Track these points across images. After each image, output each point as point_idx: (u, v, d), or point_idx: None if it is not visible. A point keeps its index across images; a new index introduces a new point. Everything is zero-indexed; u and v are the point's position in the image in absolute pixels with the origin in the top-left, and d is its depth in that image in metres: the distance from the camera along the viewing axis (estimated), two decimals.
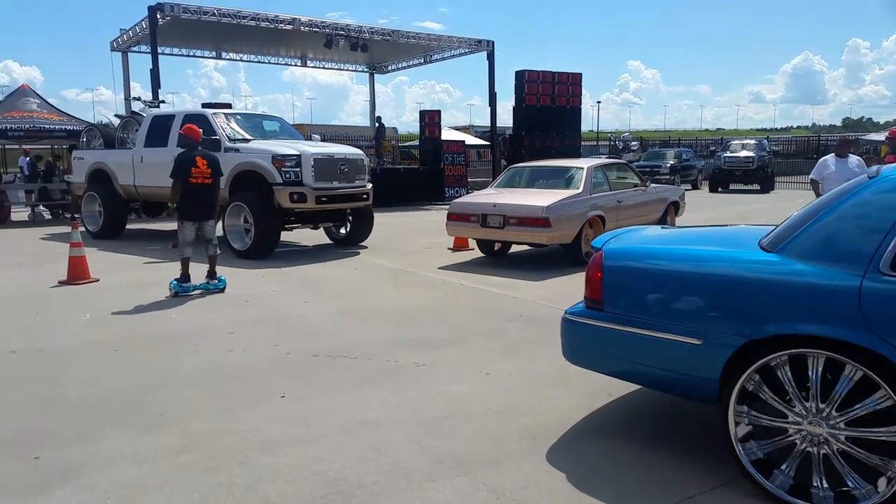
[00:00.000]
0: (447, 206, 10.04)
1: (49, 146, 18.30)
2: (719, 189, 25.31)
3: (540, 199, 8.88)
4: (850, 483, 2.75)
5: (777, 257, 3.00)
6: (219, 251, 7.97)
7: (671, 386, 3.40)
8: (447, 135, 24.66)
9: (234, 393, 4.40)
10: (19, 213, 16.73)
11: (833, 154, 8.53)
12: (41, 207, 17.40)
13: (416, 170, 21.23)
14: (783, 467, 2.92)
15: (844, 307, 2.71)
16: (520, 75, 19.91)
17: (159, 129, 11.29)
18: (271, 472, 3.28)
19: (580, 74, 20.77)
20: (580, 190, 9.23)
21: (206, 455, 3.47)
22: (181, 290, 7.46)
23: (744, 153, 25.42)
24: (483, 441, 3.65)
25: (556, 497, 3.08)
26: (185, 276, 7.53)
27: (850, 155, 8.38)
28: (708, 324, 3.09)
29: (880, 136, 26.24)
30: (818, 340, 2.77)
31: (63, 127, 16.75)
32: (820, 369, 2.79)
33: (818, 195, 8.53)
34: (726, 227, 4.66)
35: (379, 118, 25.39)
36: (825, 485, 2.81)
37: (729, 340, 2.99)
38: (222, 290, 7.65)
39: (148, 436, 3.71)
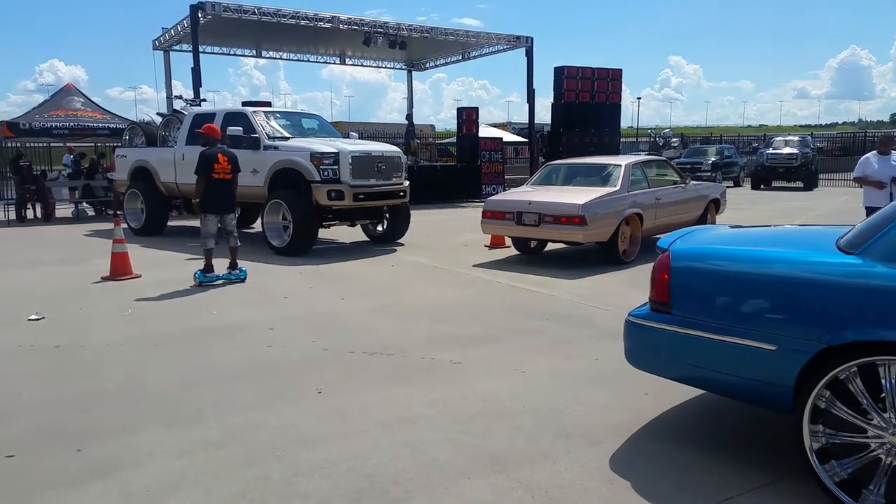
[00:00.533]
0: (483, 204, 10.02)
1: (93, 144, 18.66)
2: (762, 186, 24.76)
3: (576, 196, 8.80)
4: None
5: (858, 259, 2.86)
6: (239, 243, 8.32)
7: (741, 393, 3.27)
8: (485, 132, 24.58)
9: (272, 388, 4.45)
10: (63, 210, 17.18)
11: (875, 151, 8.27)
12: (84, 204, 17.84)
13: (454, 167, 21.22)
14: (871, 486, 2.76)
15: None
16: (559, 71, 19.75)
17: (200, 128, 11.46)
18: (308, 467, 3.31)
19: (620, 70, 20.53)
20: (617, 187, 9.11)
21: (244, 449, 3.52)
22: (205, 280, 7.89)
23: (787, 150, 24.85)
24: (518, 439, 3.63)
25: (592, 497, 3.05)
26: (208, 267, 8.00)
27: (893, 152, 8.10)
28: (783, 329, 2.96)
29: None
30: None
31: (106, 125, 17.11)
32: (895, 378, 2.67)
33: (867, 187, 8.28)
34: (796, 227, 4.49)
35: (409, 116, 25.27)
36: None
37: (805, 346, 2.86)
38: (243, 280, 8.06)
39: (187, 430, 3.77)
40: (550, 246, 10.19)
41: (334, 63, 27.99)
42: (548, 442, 3.61)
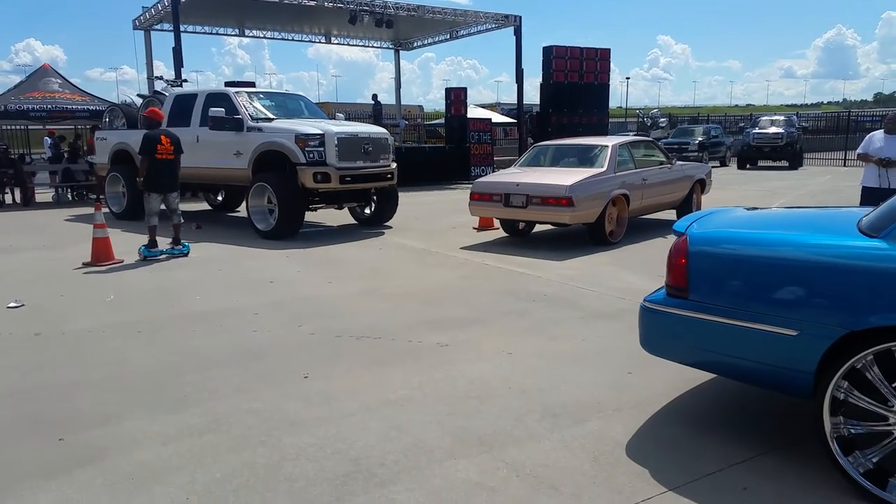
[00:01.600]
0: (472, 185, 9.98)
1: (72, 126, 18.33)
2: (748, 166, 24.89)
3: (563, 178, 8.78)
4: None
5: (883, 243, 2.82)
6: (182, 220, 8.94)
7: (761, 378, 3.23)
8: (473, 112, 24.43)
9: (258, 373, 4.43)
10: (43, 195, 16.94)
11: (882, 129, 8.23)
12: (65, 189, 17.62)
13: (442, 148, 21.10)
14: None
15: None
16: (547, 51, 19.66)
17: (182, 109, 11.31)
18: (294, 452, 3.30)
19: (608, 50, 20.48)
20: (604, 168, 9.09)
21: (229, 435, 3.50)
22: (149, 255, 8.43)
23: (773, 129, 24.97)
24: (505, 420, 3.64)
25: (576, 474, 3.07)
26: (152, 243, 8.54)
27: None
28: (805, 314, 2.92)
29: None
30: None
31: (86, 107, 16.81)
32: None
33: (880, 165, 8.24)
34: (814, 209, 4.41)
35: (375, 96, 24.75)
36: None
37: (828, 332, 2.83)
38: (186, 255, 8.60)
39: (172, 416, 3.75)
40: (538, 227, 10.19)
41: (320, 42, 27.63)
42: (534, 422, 3.62)
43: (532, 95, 25.00)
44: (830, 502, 2.84)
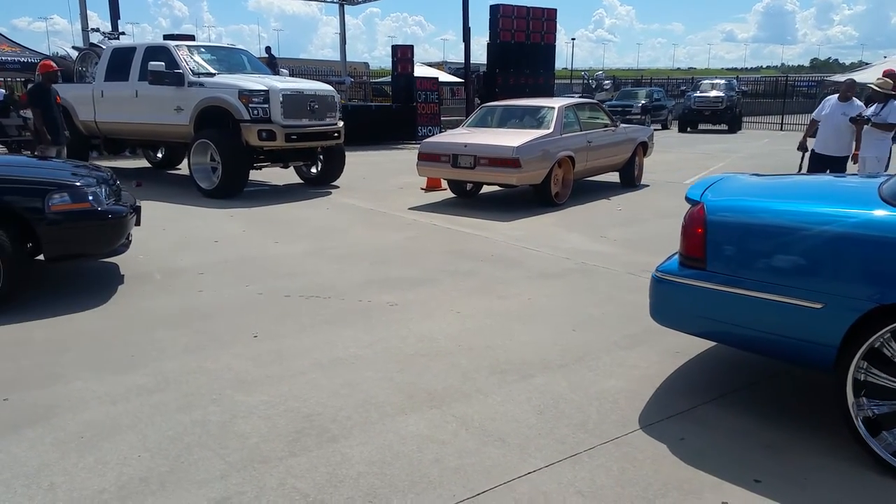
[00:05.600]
0: (419, 146, 9.96)
1: (1, 79, 17.42)
2: (688, 129, 25.41)
3: (510, 139, 8.84)
4: None
5: None
6: None
7: (781, 351, 3.18)
8: (420, 71, 24.14)
9: (206, 333, 4.41)
10: None
11: (836, 96, 8.48)
12: None
13: (389, 107, 20.85)
14: None
15: None
16: (494, 9, 19.45)
17: (120, 63, 10.88)
18: (245, 409, 3.33)
19: (555, 10, 20.38)
20: (551, 130, 9.18)
21: (179, 394, 3.51)
22: None
23: (713, 93, 25.51)
24: (454, 377, 3.74)
25: (522, 426, 3.21)
26: None
27: (854, 99, 8.34)
28: (832, 286, 2.86)
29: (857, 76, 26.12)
30: None
31: (16, 59, 15.99)
32: None
33: (807, 136, 8.57)
34: (827, 177, 4.33)
35: (269, 48, 23.37)
36: None
37: (856, 305, 2.78)
38: None
39: (120, 377, 3.72)
40: (486, 188, 10.26)
41: None
42: (482, 378, 3.73)
43: (479, 54, 24.86)
44: (761, 447, 3.05)
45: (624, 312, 4.86)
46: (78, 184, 4.98)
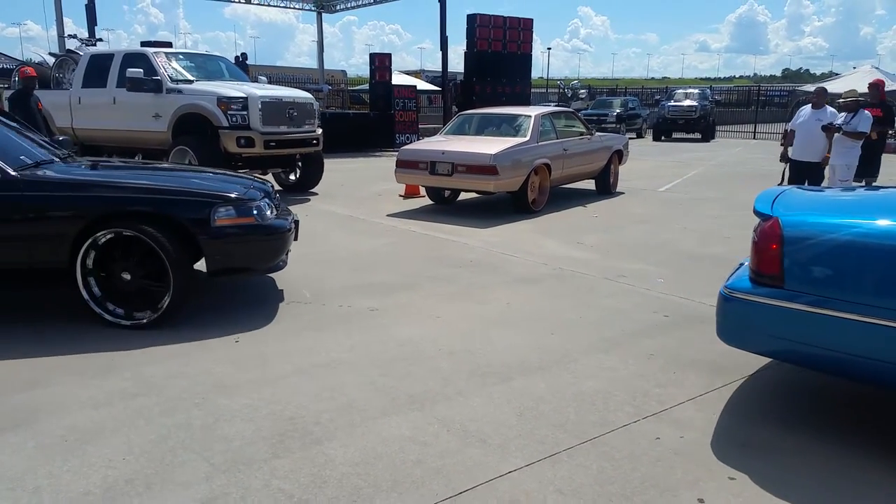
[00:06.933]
0: (397, 153, 10.02)
1: None
2: (662, 138, 25.78)
3: (488, 146, 8.93)
4: None
5: None
6: None
7: (868, 374, 2.99)
8: (398, 79, 24.23)
9: (186, 338, 4.40)
10: None
11: (810, 105, 8.70)
12: None
13: (366, 115, 20.89)
14: None
15: None
16: (471, 19, 19.64)
17: (98, 69, 10.82)
18: (229, 413, 3.36)
19: (531, 20, 20.64)
20: (527, 138, 9.29)
21: (161, 398, 3.52)
22: None
23: (687, 102, 25.93)
24: (435, 380, 3.80)
25: (502, 427, 3.27)
26: None
27: (827, 106, 8.55)
28: None
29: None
30: None
31: None
32: None
33: (787, 146, 8.79)
34: (886, 188, 4.20)
35: (244, 55, 22.59)
36: None
37: None
38: None
39: (100, 381, 3.72)
40: (463, 195, 10.35)
41: (237, 2, 26.63)
42: (462, 381, 3.80)
43: (456, 63, 25.02)
44: (737, 446, 3.15)
45: (600, 316, 4.97)
46: (244, 197, 4.79)
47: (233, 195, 4.75)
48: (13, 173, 4.37)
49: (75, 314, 4.60)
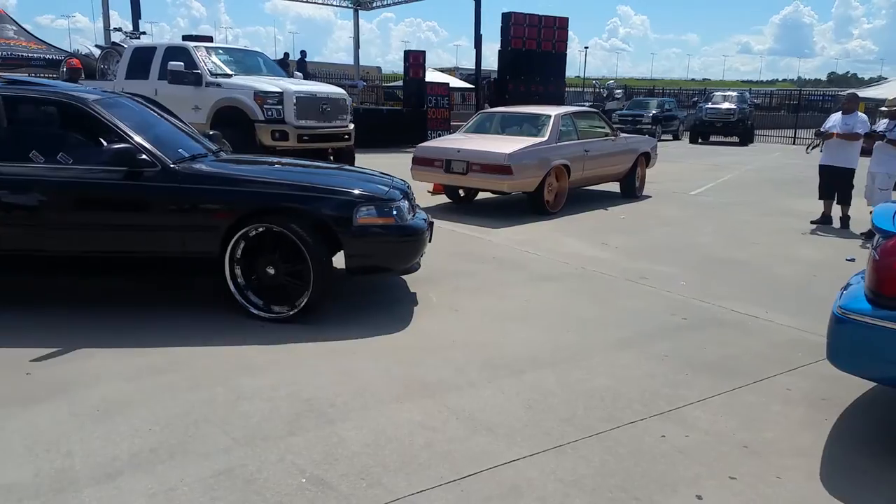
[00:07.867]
0: (414, 150, 10.00)
1: (27, 75, 17.77)
2: (699, 140, 25.44)
3: (504, 145, 8.79)
4: None
5: None
6: None
7: None
8: (432, 76, 24.42)
9: (213, 323, 4.57)
10: None
11: (840, 111, 8.54)
12: None
13: (399, 111, 21.08)
14: None
15: None
16: (506, 17, 19.67)
17: (141, 62, 11.19)
18: (250, 392, 3.53)
19: (566, 19, 20.58)
20: (546, 138, 9.11)
21: (188, 375, 3.72)
22: None
23: (725, 105, 25.54)
24: (448, 370, 3.93)
25: (510, 418, 3.38)
26: None
27: (858, 112, 8.39)
28: None
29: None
30: None
31: (42, 56, 16.33)
32: None
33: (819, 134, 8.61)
34: None
35: (287, 55, 23.33)
36: None
37: None
38: None
39: (133, 358, 3.93)
40: (486, 194, 10.31)
41: None
42: (475, 372, 3.91)
43: (491, 61, 25.08)
44: (738, 447, 3.21)
45: (618, 316, 5.03)
46: (384, 197, 4.82)
47: (375, 195, 4.79)
48: (172, 165, 4.53)
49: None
